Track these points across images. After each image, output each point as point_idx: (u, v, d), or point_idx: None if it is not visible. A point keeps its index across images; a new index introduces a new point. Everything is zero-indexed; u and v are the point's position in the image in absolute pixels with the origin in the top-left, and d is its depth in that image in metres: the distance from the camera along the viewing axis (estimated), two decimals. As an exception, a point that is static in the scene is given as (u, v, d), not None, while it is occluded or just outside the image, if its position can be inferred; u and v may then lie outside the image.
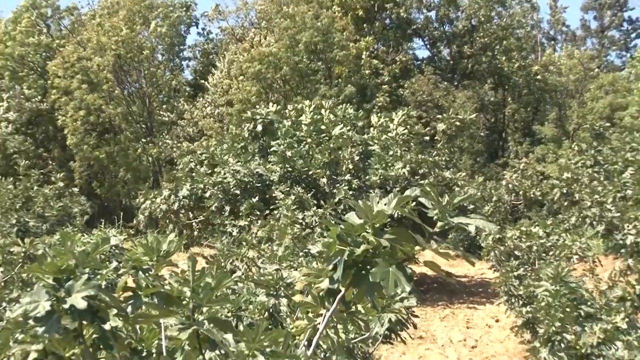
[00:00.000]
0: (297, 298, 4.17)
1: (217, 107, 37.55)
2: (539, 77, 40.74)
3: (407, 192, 3.63)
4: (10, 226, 21.61)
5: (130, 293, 4.29)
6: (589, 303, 10.70)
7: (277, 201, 20.35)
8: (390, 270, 3.51)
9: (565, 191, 24.24)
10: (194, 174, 23.43)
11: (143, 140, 37.47)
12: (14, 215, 22.83)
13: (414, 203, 3.68)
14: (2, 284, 11.23)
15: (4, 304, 10.48)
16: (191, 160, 24.92)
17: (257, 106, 27.15)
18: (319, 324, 4.02)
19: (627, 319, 9.69)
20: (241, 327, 6.22)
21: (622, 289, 14.57)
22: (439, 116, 32.42)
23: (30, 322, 3.80)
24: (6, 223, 21.78)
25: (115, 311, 3.96)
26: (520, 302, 14.86)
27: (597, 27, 51.94)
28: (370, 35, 38.38)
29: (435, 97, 35.69)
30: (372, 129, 25.06)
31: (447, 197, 3.70)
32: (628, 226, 18.09)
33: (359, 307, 4.35)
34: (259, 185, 21.96)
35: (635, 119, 33.80)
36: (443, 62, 43.22)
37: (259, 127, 24.37)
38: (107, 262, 8.97)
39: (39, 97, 38.49)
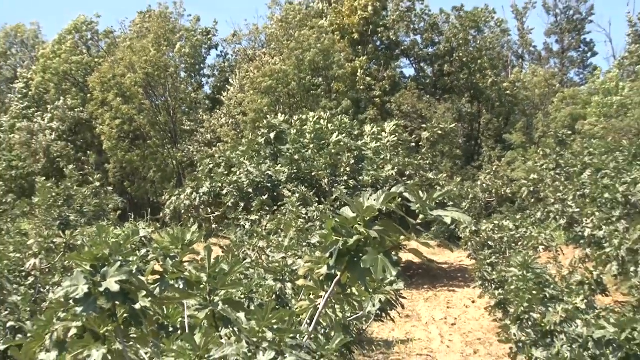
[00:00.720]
0: (301, 282, 4.18)
1: (232, 117, 37.54)
2: (508, 92, 40.79)
3: (394, 190, 3.63)
4: (53, 220, 21.61)
5: (158, 277, 4.30)
6: (552, 286, 10.69)
7: (284, 198, 20.37)
8: (379, 257, 3.52)
9: (532, 190, 24.26)
10: (212, 175, 23.45)
11: (168, 145, 37.46)
12: (57, 211, 22.86)
13: (400, 199, 3.69)
14: (47, 270, 11.25)
15: (48, 287, 10.51)
16: (210, 162, 24.94)
17: (268, 116, 27.19)
18: (319, 304, 4.02)
19: (585, 301, 9.68)
20: (252, 308, 6.22)
21: (581, 275, 14.59)
22: (423, 125, 32.43)
23: (71, 302, 3.82)
24: (49, 217, 21.81)
25: (144, 293, 3.98)
26: (493, 286, 14.86)
27: (558, 49, 52.02)
28: (364, 55, 38.38)
29: (419, 108, 35.66)
30: (365, 136, 25.06)
31: (426, 194, 3.71)
32: (586, 220, 18.08)
33: (354, 289, 4.35)
34: (269, 184, 21.98)
35: (593, 127, 33.79)
36: (427, 78, 43.17)
37: (272, 135, 24.44)
38: (137, 251, 8.98)
39: (80, 108, 38.49)
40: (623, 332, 7.34)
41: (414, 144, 29.80)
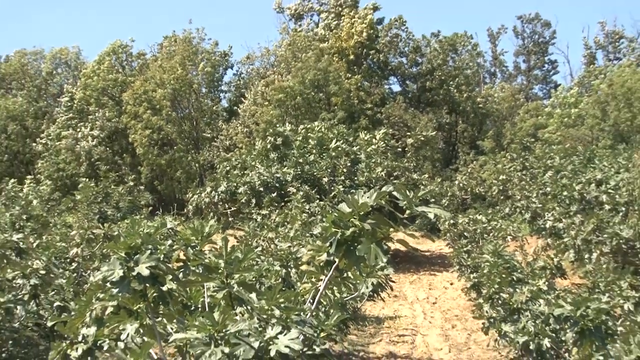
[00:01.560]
0: (304, 267, 4.16)
1: (247, 126, 37.50)
2: (481, 105, 40.81)
3: (384, 189, 3.62)
4: (93, 214, 21.64)
5: (181, 263, 4.30)
6: (519, 271, 10.69)
7: (290, 196, 20.36)
8: (371, 246, 3.51)
9: (501, 188, 24.29)
10: (229, 176, 23.46)
11: (192, 151, 37.40)
12: (96, 207, 22.89)
13: (389, 196, 3.68)
14: (88, 257, 11.25)
15: (88, 272, 10.51)
16: (227, 165, 24.95)
17: (276, 125, 27.19)
18: (320, 286, 4.01)
19: (547, 283, 9.67)
20: (262, 289, 6.20)
21: (543, 261, 14.56)
22: (408, 133, 32.41)
23: (108, 285, 3.81)
24: (90, 212, 21.83)
25: (170, 277, 3.97)
26: (469, 270, 14.83)
27: (525, 68, 52.10)
28: (358, 74, 38.33)
29: (404, 119, 35.60)
30: (359, 141, 25.06)
31: (412, 193, 3.70)
32: (547, 214, 18.08)
33: (349, 273, 4.34)
34: (277, 184, 21.98)
35: (553, 134, 33.79)
36: (411, 93, 43.08)
37: (279, 141, 24.47)
38: (165, 241, 8.97)
39: (116, 119, 38.47)
40: (578, 310, 7.33)
41: (400, 149, 29.78)
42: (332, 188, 21.56)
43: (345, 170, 22.38)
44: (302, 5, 44.73)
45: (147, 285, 3.82)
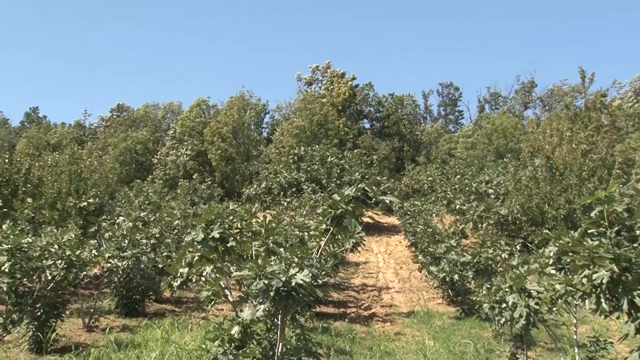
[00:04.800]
0: (312, 233, 4.15)
1: (277, 148, 37.38)
2: (418, 136, 40.74)
3: (359, 186, 3.62)
4: (187, 201, 21.67)
5: (238, 230, 4.29)
6: (439, 234, 10.67)
7: (303, 190, 20.34)
8: (352, 220, 3.50)
9: (429, 185, 24.19)
10: (267, 178, 23.43)
11: (245, 163, 37.34)
12: (189, 196, 22.90)
13: (363, 190, 3.67)
14: (184, 226, 11.26)
15: (184, 235, 10.50)
16: (266, 172, 24.93)
17: (295, 149, 27.16)
18: (322, 244, 3.99)
19: (456, 242, 9.65)
20: (287, 246, 6.19)
21: (454, 229, 14.50)
22: (374, 153, 32.34)
23: (195, 243, 3.81)
24: (185, 199, 21.86)
25: (232, 238, 3.96)
26: (410, 234, 14.83)
27: (444, 114, 52.08)
28: (344, 117, 38.24)
29: (372, 144, 35.45)
30: (344, 158, 25.02)
31: (376, 188, 3.69)
32: (456, 201, 18.03)
33: (339, 236, 4.33)
34: (295, 183, 21.97)
35: (462, 154, 33.74)
36: (376, 129, 42.90)
37: (296, 158, 24.44)
38: (229, 217, 8.94)
39: (200, 144, 38.40)
40: (475, 258, 7.30)
41: (369, 162, 29.71)
42: (329, 185, 21.54)
43: (336, 174, 22.37)
44: (313, 77, 44.72)
45: (218, 243, 3.82)
